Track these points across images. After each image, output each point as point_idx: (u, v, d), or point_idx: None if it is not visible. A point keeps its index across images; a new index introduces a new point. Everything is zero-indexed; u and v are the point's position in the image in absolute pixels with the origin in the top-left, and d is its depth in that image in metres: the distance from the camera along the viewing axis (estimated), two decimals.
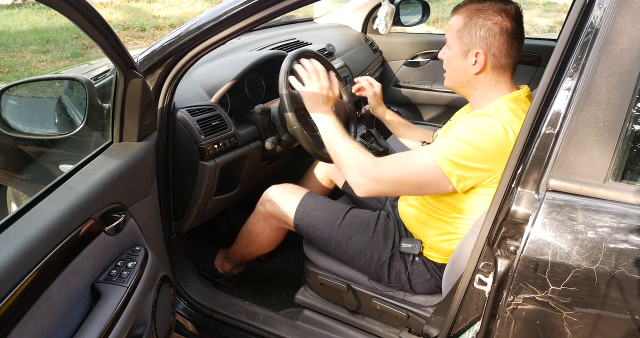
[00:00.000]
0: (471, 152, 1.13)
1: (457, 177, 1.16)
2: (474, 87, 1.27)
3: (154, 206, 1.31)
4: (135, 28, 6.71)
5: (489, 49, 1.21)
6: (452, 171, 1.15)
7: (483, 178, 1.16)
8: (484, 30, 1.20)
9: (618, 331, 0.82)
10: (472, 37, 1.22)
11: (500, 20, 1.19)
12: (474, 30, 1.21)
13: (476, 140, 1.13)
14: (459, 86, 1.31)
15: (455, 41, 1.25)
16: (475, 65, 1.23)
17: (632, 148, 0.84)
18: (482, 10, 1.21)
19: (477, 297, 1.00)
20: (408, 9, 2.65)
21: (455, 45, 1.25)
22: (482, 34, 1.20)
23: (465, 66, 1.25)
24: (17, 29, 6.29)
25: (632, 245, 0.79)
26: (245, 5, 1.16)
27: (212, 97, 1.54)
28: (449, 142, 1.17)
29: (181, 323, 1.58)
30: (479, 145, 1.13)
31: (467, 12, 1.22)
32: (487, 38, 1.20)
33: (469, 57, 1.23)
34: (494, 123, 1.14)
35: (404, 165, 1.20)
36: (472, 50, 1.22)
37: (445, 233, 1.33)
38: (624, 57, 0.81)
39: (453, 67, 1.28)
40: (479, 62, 1.22)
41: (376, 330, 1.50)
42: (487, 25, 1.20)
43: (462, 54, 1.24)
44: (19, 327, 0.76)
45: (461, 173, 1.15)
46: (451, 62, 1.28)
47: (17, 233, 0.82)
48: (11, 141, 1.58)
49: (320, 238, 1.47)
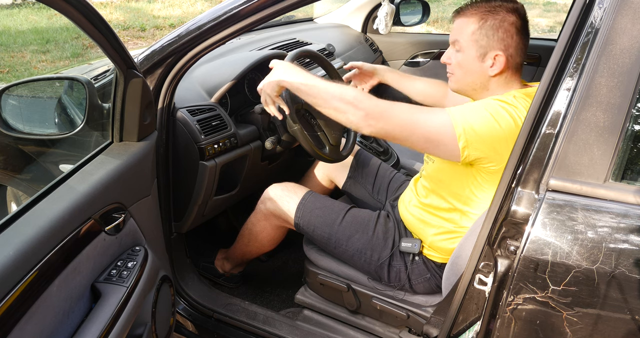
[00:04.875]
0: (490, 123, 1.11)
1: (465, 142, 1.12)
2: (487, 88, 1.25)
3: (154, 206, 1.31)
4: (135, 28, 6.71)
5: (507, 49, 1.19)
6: (463, 134, 1.12)
7: (486, 156, 1.14)
8: (502, 31, 1.18)
9: (618, 331, 0.82)
10: (489, 39, 1.19)
11: (515, 19, 1.18)
12: (491, 32, 1.19)
13: (499, 115, 1.12)
14: (470, 89, 1.28)
15: (471, 44, 1.21)
16: (493, 67, 1.21)
17: (632, 148, 0.84)
18: (494, 11, 1.18)
19: (477, 297, 1.00)
20: (408, 9, 2.65)
21: (471, 48, 1.22)
22: (500, 35, 1.18)
23: (482, 69, 1.22)
24: (17, 29, 6.28)
25: (632, 245, 0.79)
26: (245, 5, 1.16)
27: (212, 97, 1.54)
28: (471, 107, 1.15)
29: (181, 323, 1.58)
30: (499, 121, 1.11)
31: (480, 14, 1.20)
32: (505, 39, 1.19)
33: (486, 59, 1.21)
34: (515, 110, 1.13)
35: (418, 113, 1.15)
36: (491, 53, 1.20)
37: (445, 232, 1.33)
38: (624, 57, 0.81)
39: (467, 71, 1.25)
40: (498, 64, 1.20)
41: (376, 330, 1.50)
42: (504, 26, 1.18)
43: (479, 56, 1.21)
44: (19, 327, 0.76)
45: (470, 140, 1.12)
46: (465, 66, 1.24)
47: (17, 233, 0.82)
48: (11, 141, 1.58)
49: (320, 237, 1.47)
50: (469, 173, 1.23)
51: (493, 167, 1.16)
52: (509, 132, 1.11)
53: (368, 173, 1.74)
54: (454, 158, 1.16)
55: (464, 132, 1.11)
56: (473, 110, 1.14)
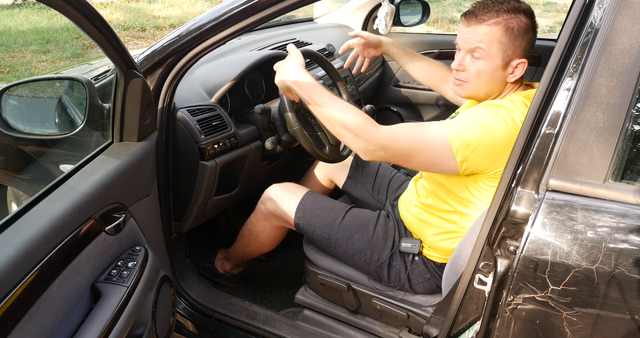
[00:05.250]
0: (486, 136, 1.12)
1: (462, 157, 1.13)
2: (498, 92, 1.24)
3: (154, 206, 1.32)
4: (135, 28, 6.71)
5: (526, 55, 1.19)
6: (460, 149, 1.12)
7: (486, 166, 1.15)
8: (526, 40, 1.17)
9: (618, 331, 0.82)
10: (516, 48, 1.17)
11: (531, 24, 1.17)
12: (518, 41, 1.16)
13: (493, 125, 1.12)
14: (484, 96, 1.25)
15: (496, 53, 1.17)
16: (514, 74, 1.20)
17: (632, 148, 0.84)
18: (515, 17, 1.16)
19: (477, 296, 1.00)
20: (408, 9, 2.65)
21: (496, 57, 1.18)
22: (525, 45, 1.17)
23: (504, 76, 1.21)
24: (18, 29, 6.29)
25: (631, 245, 0.80)
26: (245, 5, 1.16)
27: (212, 97, 1.54)
28: (465, 120, 1.15)
29: (181, 323, 1.58)
30: (494, 131, 1.12)
31: (503, 20, 1.16)
32: (526, 45, 1.18)
33: (509, 67, 1.19)
34: (511, 114, 1.13)
35: (416, 138, 1.16)
36: (515, 61, 1.18)
37: (445, 232, 1.33)
38: (624, 57, 0.81)
39: (488, 80, 1.21)
40: (519, 71, 1.19)
41: (376, 330, 1.50)
42: (529, 35, 1.17)
43: (504, 65, 1.19)
44: (19, 327, 0.76)
45: (467, 154, 1.13)
46: (486, 75, 1.20)
47: (18, 233, 0.82)
48: (11, 141, 1.58)
49: (320, 237, 1.47)
50: (468, 177, 1.23)
51: (495, 171, 1.17)
52: (505, 140, 1.11)
53: (368, 173, 1.74)
54: (454, 172, 1.18)
55: (461, 147, 1.13)
56: (468, 124, 1.14)
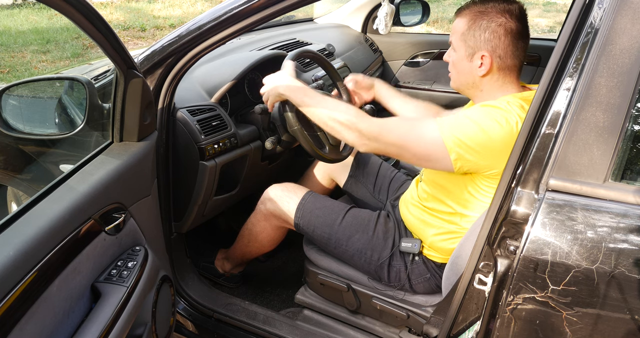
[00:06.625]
0: (479, 135, 1.12)
1: (456, 155, 1.14)
2: (479, 89, 1.26)
3: (154, 206, 1.32)
4: (135, 28, 6.72)
5: (494, 51, 1.20)
6: (454, 148, 1.14)
7: (482, 166, 1.16)
8: (488, 32, 1.19)
9: (618, 331, 0.82)
10: (476, 40, 1.21)
11: (505, 21, 1.18)
12: (478, 32, 1.20)
13: (487, 125, 1.13)
14: (465, 88, 1.30)
15: (460, 44, 1.24)
16: (481, 68, 1.22)
17: (632, 148, 0.84)
18: (485, 12, 1.20)
19: (477, 296, 1.00)
20: (408, 9, 2.65)
21: (461, 48, 1.24)
22: (487, 37, 1.20)
23: (471, 69, 1.24)
24: (18, 29, 6.29)
25: (631, 245, 0.80)
26: (245, 5, 1.16)
27: (212, 97, 1.54)
28: (460, 119, 1.16)
29: (181, 323, 1.58)
30: (488, 131, 1.12)
31: (471, 14, 1.22)
32: (491, 40, 1.20)
33: (474, 59, 1.23)
34: (506, 115, 1.13)
35: (409, 132, 1.19)
36: (478, 53, 1.21)
37: (445, 232, 1.33)
38: (624, 57, 0.81)
39: (459, 70, 1.28)
40: (485, 65, 1.21)
41: (376, 330, 1.50)
42: (491, 27, 1.19)
43: (468, 56, 1.23)
44: (19, 327, 0.76)
45: (462, 153, 1.14)
46: (457, 65, 1.27)
47: (17, 233, 0.82)
48: (11, 141, 1.58)
49: (321, 237, 1.47)
50: (468, 178, 1.23)
51: (491, 172, 1.17)
52: (501, 141, 1.11)
53: (369, 173, 1.74)
54: (448, 170, 1.19)
55: (455, 145, 1.13)
56: (462, 123, 1.15)
